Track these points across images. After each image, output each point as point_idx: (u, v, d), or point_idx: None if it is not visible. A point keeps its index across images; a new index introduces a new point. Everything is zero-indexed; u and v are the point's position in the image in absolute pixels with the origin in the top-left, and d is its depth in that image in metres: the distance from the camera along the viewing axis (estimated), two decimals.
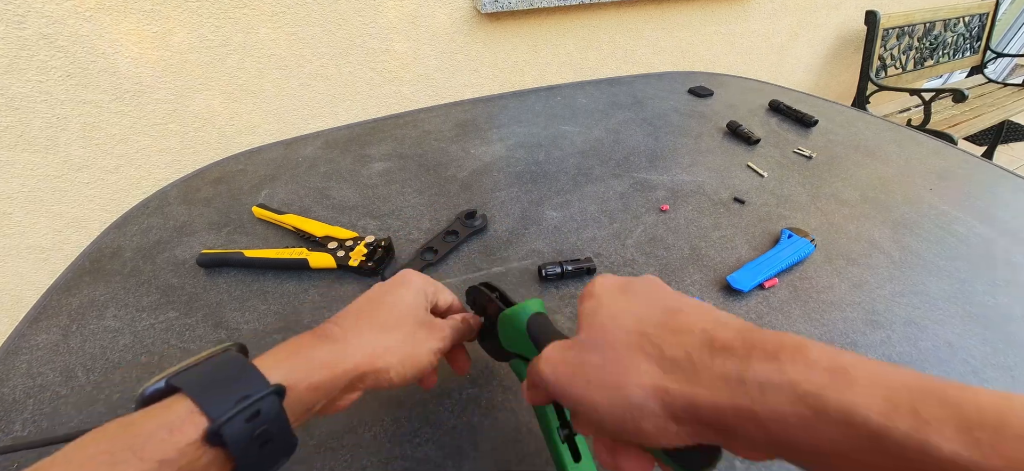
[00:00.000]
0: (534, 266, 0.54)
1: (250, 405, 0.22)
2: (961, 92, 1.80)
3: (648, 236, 0.59)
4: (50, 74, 1.01)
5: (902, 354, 0.45)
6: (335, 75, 1.30)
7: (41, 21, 0.96)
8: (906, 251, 0.57)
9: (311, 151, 0.77)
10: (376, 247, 0.53)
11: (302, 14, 1.18)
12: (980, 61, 2.38)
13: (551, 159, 0.74)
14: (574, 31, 1.57)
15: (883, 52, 2.02)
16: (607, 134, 0.82)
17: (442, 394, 0.41)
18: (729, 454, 0.20)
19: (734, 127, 0.81)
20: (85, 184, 1.16)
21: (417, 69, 1.40)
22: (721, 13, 1.83)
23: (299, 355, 0.27)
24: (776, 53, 2.12)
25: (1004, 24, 2.81)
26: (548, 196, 0.66)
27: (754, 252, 0.56)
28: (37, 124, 1.05)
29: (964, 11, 2.21)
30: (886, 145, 0.79)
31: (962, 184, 0.69)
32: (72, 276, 0.54)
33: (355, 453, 0.37)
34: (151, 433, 0.20)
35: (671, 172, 0.71)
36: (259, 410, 0.23)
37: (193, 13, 1.08)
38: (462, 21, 1.38)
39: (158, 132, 1.18)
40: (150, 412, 0.21)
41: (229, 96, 1.20)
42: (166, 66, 1.11)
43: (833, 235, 0.59)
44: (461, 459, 0.36)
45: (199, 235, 0.60)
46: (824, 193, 0.66)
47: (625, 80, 1.04)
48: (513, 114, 0.88)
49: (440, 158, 0.75)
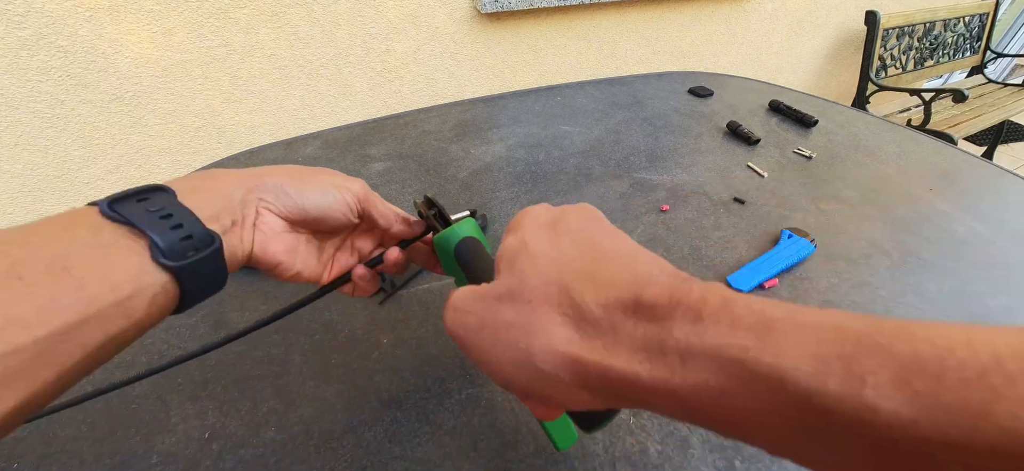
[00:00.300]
0: None
1: (180, 226, 0.22)
2: (961, 92, 1.80)
3: (648, 236, 0.59)
4: (50, 74, 1.01)
5: None
6: (335, 75, 1.30)
7: (41, 21, 0.96)
8: (906, 251, 0.57)
9: (311, 151, 0.77)
10: None
11: (302, 14, 1.18)
12: (980, 61, 2.38)
13: (551, 159, 0.74)
14: (574, 31, 1.57)
15: (883, 52, 2.02)
16: (607, 134, 0.82)
17: (442, 394, 0.41)
18: (729, 455, 0.20)
19: (734, 127, 0.81)
20: (85, 184, 1.16)
21: (417, 69, 1.40)
22: (721, 13, 1.83)
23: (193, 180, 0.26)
24: (776, 53, 2.12)
25: (1004, 24, 2.81)
26: (548, 196, 0.66)
27: (754, 252, 0.56)
28: (37, 124, 1.05)
29: (964, 11, 2.21)
30: (886, 145, 0.79)
31: (962, 184, 0.69)
32: None
33: (355, 453, 0.37)
34: (82, 254, 0.19)
35: (671, 172, 0.71)
36: (191, 234, 0.22)
37: (193, 13, 1.08)
38: (462, 21, 1.38)
39: (158, 132, 1.18)
40: (59, 222, 0.20)
41: (229, 96, 1.20)
42: (166, 66, 1.11)
43: (833, 235, 0.59)
44: (461, 459, 0.36)
45: None
46: (824, 193, 0.66)
47: (625, 80, 1.03)
48: (513, 114, 0.88)
49: (440, 158, 0.75)
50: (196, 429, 0.38)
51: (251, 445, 0.37)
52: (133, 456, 0.37)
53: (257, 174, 0.28)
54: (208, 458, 0.37)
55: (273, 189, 0.28)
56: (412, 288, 0.52)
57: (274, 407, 0.40)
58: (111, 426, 0.39)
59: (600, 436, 0.37)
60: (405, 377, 0.42)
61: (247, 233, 0.27)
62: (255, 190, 0.28)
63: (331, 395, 0.41)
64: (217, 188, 0.26)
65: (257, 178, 0.28)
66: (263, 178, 0.28)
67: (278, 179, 0.29)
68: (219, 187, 0.26)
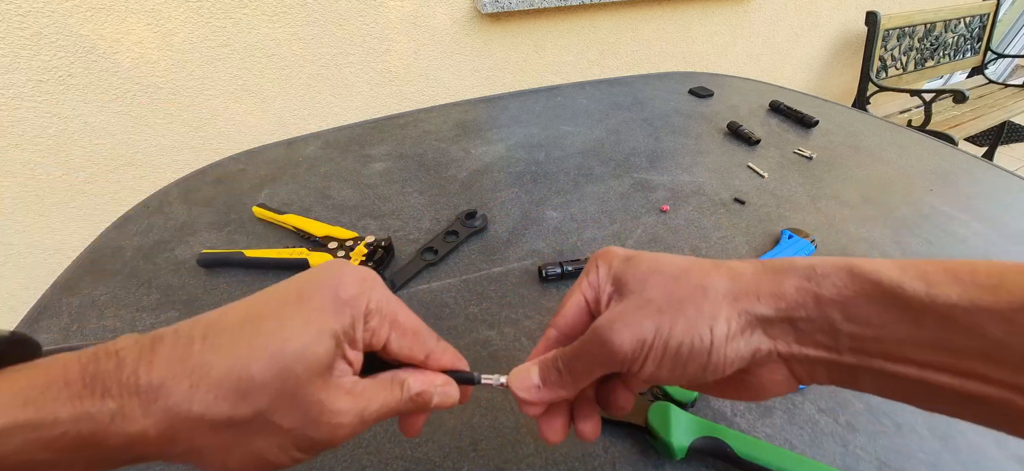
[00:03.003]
0: (534, 266, 0.54)
1: None
2: (962, 93, 1.80)
3: (648, 236, 0.59)
4: (50, 74, 1.01)
5: None
6: (335, 75, 1.30)
7: (41, 21, 0.96)
8: (906, 252, 0.57)
9: (311, 151, 0.77)
10: (376, 247, 0.53)
11: (303, 14, 1.18)
12: (981, 62, 2.38)
13: (551, 159, 0.74)
14: (574, 31, 1.57)
15: (884, 53, 2.01)
16: (607, 134, 0.82)
17: None
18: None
19: (734, 127, 0.81)
20: (85, 184, 1.16)
21: (417, 69, 1.40)
22: (721, 13, 1.83)
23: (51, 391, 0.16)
24: (777, 53, 2.12)
25: (1005, 25, 2.81)
26: (548, 196, 0.66)
27: (754, 253, 0.56)
28: (37, 124, 1.05)
29: (965, 12, 2.21)
30: (886, 146, 0.79)
31: (963, 185, 0.69)
32: (72, 275, 0.54)
33: (355, 453, 0.37)
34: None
35: (671, 172, 0.71)
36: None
37: (194, 13, 1.08)
38: (462, 21, 1.38)
39: (158, 132, 1.18)
40: None
41: (230, 96, 1.20)
42: (167, 66, 1.11)
43: (833, 236, 0.59)
44: (461, 459, 0.36)
45: (200, 235, 0.60)
46: (824, 194, 0.66)
47: (625, 80, 1.03)
48: (513, 114, 0.88)
49: (440, 158, 0.75)
50: None
51: None
52: None
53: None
54: None
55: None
56: (412, 288, 0.52)
57: None
58: None
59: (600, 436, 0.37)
60: None
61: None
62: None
63: None
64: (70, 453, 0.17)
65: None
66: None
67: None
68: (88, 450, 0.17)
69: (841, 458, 0.36)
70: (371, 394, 0.21)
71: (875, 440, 0.37)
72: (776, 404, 0.39)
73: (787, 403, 0.40)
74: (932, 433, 0.37)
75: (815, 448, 0.36)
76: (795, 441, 0.37)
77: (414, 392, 0.22)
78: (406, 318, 0.23)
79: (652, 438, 0.35)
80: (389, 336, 0.22)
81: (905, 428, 0.38)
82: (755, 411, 0.39)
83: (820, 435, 0.37)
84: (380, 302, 0.22)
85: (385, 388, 0.22)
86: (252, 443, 0.18)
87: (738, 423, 0.38)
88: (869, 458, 0.36)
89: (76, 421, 0.15)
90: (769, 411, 0.39)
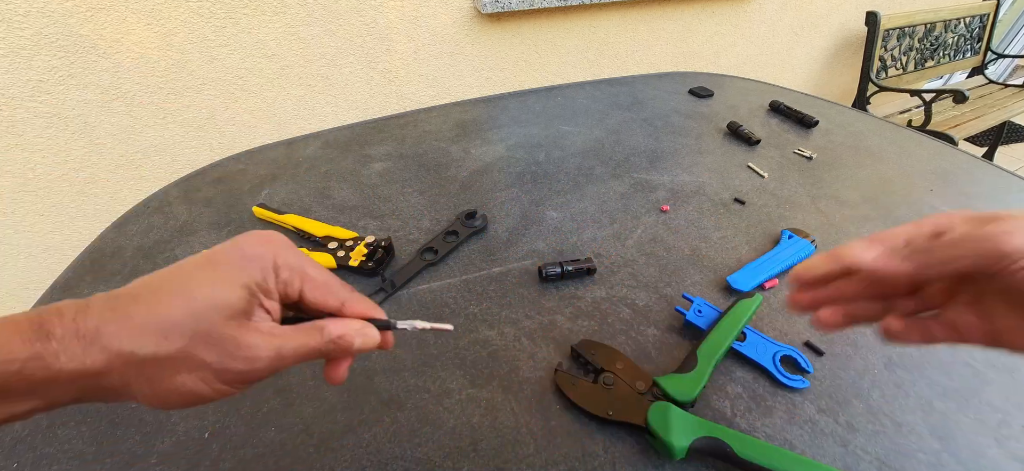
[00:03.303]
0: (534, 266, 0.54)
1: None
2: (962, 93, 1.80)
3: (648, 236, 0.59)
4: (50, 74, 1.01)
5: (903, 354, 0.44)
6: (335, 75, 1.30)
7: (41, 21, 0.96)
8: None
9: (311, 151, 0.77)
10: (376, 247, 0.53)
11: (303, 14, 1.18)
12: (981, 62, 2.38)
13: (551, 159, 0.74)
14: (574, 31, 1.57)
15: (884, 53, 2.01)
16: (607, 134, 0.82)
17: (442, 394, 0.41)
18: None
19: (734, 128, 0.81)
20: (85, 184, 1.16)
21: (417, 69, 1.40)
22: (721, 14, 1.83)
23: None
24: (777, 54, 2.12)
25: (1005, 25, 2.81)
26: (548, 196, 0.66)
27: (754, 253, 0.56)
28: (37, 124, 1.05)
29: (965, 12, 2.21)
30: (887, 146, 0.79)
31: (963, 185, 0.69)
32: (72, 275, 0.54)
33: (355, 453, 0.37)
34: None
35: (671, 173, 0.71)
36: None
37: (194, 13, 1.08)
38: (462, 21, 1.38)
39: (158, 132, 1.18)
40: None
41: (229, 96, 1.20)
42: (167, 66, 1.11)
43: (833, 236, 0.59)
44: (461, 459, 0.36)
45: (200, 235, 0.60)
46: (824, 194, 0.66)
47: (625, 80, 1.03)
48: (513, 114, 0.88)
49: (440, 158, 0.75)
50: (196, 429, 0.38)
51: (251, 445, 0.37)
52: (133, 456, 0.37)
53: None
54: (208, 458, 0.37)
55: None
56: (412, 288, 0.52)
57: (274, 407, 0.40)
58: (111, 426, 0.39)
59: (600, 436, 0.38)
60: (405, 377, 0.42)
61: None
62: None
63: (331, 395, 0.41)
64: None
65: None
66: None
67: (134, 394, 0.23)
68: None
69: (841, 458, 0.36)
70: (289, 336, 0.24)
71: (875, 440, 0.37)
72: (776, 404, 0.39)
73: (787, 403, 0.40)
74: (932, 433, 0.37)
75: (815, 448, 0.36)
76: (795, 441, 0.37)
77: (335, 335, 0.25)
78: (316, 271, 0.26)
79: (652, 438, 0.35)
80: (302, 287, 0.25)
81: (905, 428, 0.38)
82: (755, 411, 0.39)
83: (820, 435, 0.37)
84: (288, 258, 0.25)
85: (305, 333, 0.24)
86: (177, 376, 0.21)
87: (738, 423, 0.38)
88: (869, 458, 0.36)
89: (30, 359, 0.19)
90: (769, 411, 0.39)
